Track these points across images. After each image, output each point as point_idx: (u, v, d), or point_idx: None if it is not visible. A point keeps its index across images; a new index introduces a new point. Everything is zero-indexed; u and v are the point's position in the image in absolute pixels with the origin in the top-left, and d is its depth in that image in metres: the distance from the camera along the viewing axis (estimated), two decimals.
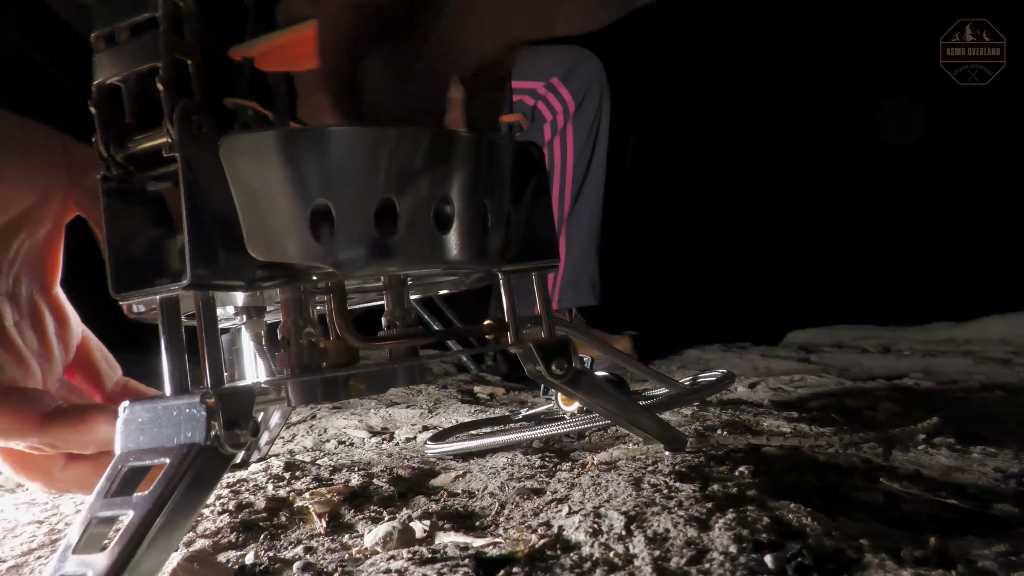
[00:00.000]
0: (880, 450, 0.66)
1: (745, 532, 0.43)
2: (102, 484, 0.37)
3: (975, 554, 0.41)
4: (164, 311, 0.40)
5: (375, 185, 0.40)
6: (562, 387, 0.57)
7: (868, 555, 0.40)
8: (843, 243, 2.55)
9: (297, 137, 0.39)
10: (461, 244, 0.44)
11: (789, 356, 1.72)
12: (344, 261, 0.40)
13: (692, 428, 0.77)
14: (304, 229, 0.39)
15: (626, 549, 0.42)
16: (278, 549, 0.47)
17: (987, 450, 0.63)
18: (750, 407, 0.92)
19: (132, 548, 0.33)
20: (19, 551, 0.49)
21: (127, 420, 0.38)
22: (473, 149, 0.45)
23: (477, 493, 0.59)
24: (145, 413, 0.38)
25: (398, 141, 0.41)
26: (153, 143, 0.39)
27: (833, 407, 0.93)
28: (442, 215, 0.43)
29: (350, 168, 0.40)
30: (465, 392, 1.24)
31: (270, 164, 0.39)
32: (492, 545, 0.45)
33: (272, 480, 0.64)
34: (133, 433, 0.38)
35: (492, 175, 0.47)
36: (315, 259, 0.40)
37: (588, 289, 1.70)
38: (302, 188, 0.39)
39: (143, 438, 0.38)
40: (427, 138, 0.42)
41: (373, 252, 0.41)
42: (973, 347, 1.73)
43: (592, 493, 0.53)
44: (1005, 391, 1.02)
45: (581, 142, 1.64)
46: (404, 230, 0.41)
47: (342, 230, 0.40)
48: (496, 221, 0.47)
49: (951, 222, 2.41)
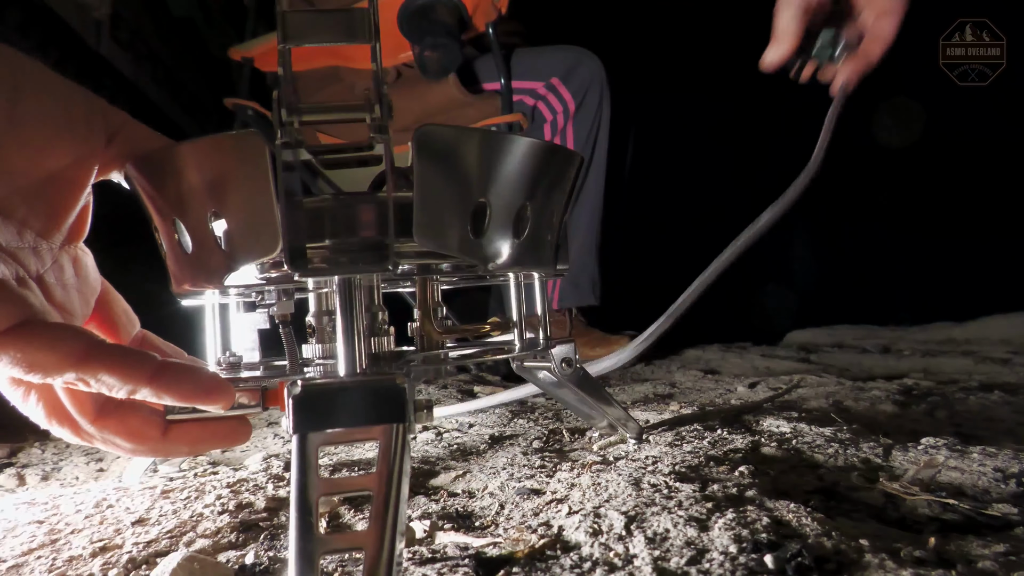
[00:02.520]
0: (880, 450, 0.66)
1: (745, 532, 0.43)
2: (301, 461, 0.37)
3: (975, 554, 0.41)
4: (343, 292, 0.41)
5: (519, 191, 0.44)
6: (568, 384, 0.63)
7: (868, 555, 0.40)
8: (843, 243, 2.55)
9: (484, 137, 0.42)
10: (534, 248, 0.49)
11: (789, 356, 1.72)
12: (490, 257, 0.44)
13: (692, 428, 0.77)
14: (465, 224, 0.42)
15: (626, 549, 0.42)
16: (278, 549, 0.47)
17: (987, 450, 0.63)
18: (750, 407, 0.92)
19: (392, 522, 0.35)
20: (19, 551, 0.49)
21: (304, 399, 0.38)
22: (570, 161, 0.50)
23: (477, 493, 0.59)
24: (328, 394, 0.38)
25: (536, 151, 0.44)
26: (346, 116, 0.40)
27: (833, 407, 0.93)
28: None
29: (507, 173, 0.43)
30: (465, 392, 1.24)
31: (457, 158, 0.41)
32: (492, 545, 0.45)
33: (272, 480, 0.64)
34: (315, 413, 0.38)
35: (569, 185, 0.52)
36: (469, 253, 0.42)
37: (588, 289, 1.70)
38: (473, 186, 0.42)
39: (330, 418, 0.38)
40: (550, 150, 0.46)
41: (511, 252, 0.45)
42: (973, 347, 1.73)
43: (592, 493, 0.53)
44: (1005, 391, 1.02)
45: (581, 142, 1.65)
46: (529, 234, 0.45)
47: (493, 229, 0.43)
48: (557, 228, 0.51)
49: (951, 222, 2.42)
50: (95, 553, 0.48)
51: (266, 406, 0.45)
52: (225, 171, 0.41)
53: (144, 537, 0.50)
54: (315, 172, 0.45)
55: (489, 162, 0.42)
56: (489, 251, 0.43)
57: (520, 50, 1.66)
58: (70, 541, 0.50)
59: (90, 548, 0.48)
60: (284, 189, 0.38)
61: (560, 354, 0.62)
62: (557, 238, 0.52)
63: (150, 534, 0.51)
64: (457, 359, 0.54)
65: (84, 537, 0.51)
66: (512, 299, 0.57)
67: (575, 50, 1.66)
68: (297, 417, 0.38)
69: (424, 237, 0.40)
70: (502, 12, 1.57)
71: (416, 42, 1.49)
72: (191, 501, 0.58)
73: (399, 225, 0.40)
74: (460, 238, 0.42)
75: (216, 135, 0.41)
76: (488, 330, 0.57)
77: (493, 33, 1.57)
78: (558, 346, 0.62)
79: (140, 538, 0.50)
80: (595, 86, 1.64)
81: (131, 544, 0.49)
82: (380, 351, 0.49)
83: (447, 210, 0.41)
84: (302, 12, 0.39)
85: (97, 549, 0.48)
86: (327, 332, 0.52)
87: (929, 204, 2.40)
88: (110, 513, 0.57)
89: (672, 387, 1.21)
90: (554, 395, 0.71)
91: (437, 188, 0.41)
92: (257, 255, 0.41)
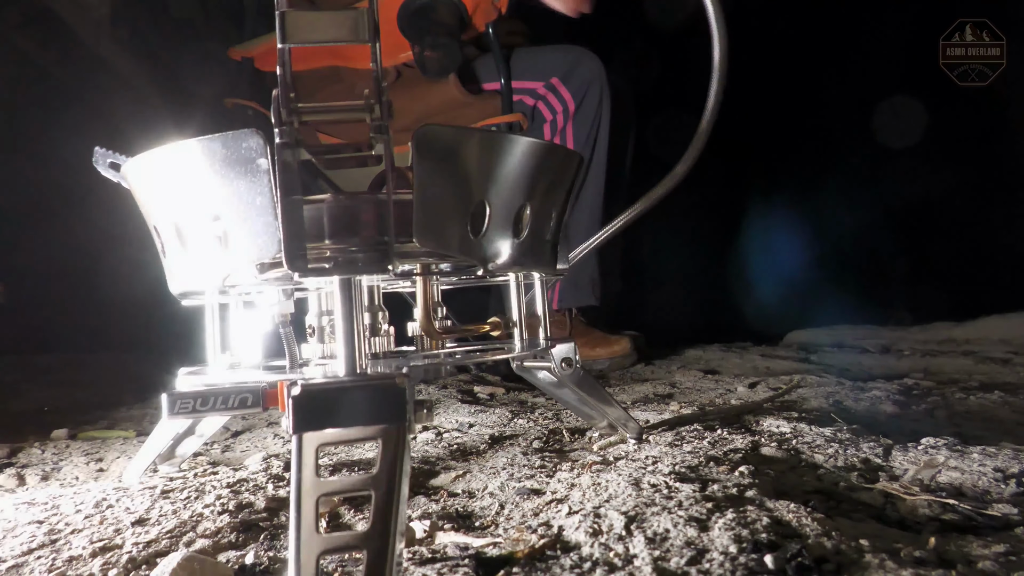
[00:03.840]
0: (880, 450, 0.66)
1: (745, 532, 0.43)
2: (301, 462, 0.37)
3: (975, 554, 0.41)
4: (343, 292, 0.41)
5: (519, 191, 0.44)
6: (568, 384, 0.63)
7: (868, 555, 0.40)
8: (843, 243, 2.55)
9: (484, 137, 0.42)
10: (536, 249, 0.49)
11: (789, 356, 1.72)
12: (490, 257, 0.44)
13: (692, 428, 0.77)
14: (465, 225, 0.42)
15: (626, 549, 0.42)
16: (278, 549, 0.47)
17: (987, 450, 0.63)
18: (750, 407, 0.92)
19: (392, 522, 0.36)
20: (19, 551, 0.49)
21: (304, 399, 0.38)
22: (569, 161, 0.50)
23: (477, 493, 0.59)
24: (327, 394, 0.39)
25: (536, 151, 0.45)
26: (346, 116, 0.40)
27: (833, 407, 0.93)
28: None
29: (507, 173, 0.43)
30: (465, 392, 1.24)
31: (457, 158, 0.41)
32: (492, 545, 0.45)
33: (272, 480, 0.64)
34: (315, 413, 0.38)
35: (569, 184, 0.52)
36: (469, 253, 0.42)
37: (588, 289, 1.70)
38: (472, 186, 0.42)
39: (330, 418, 0.38)
40: (550, 150, 0.46)
41: (510, 252, 0.45)
42: (973, 347, 1.73)
43: (592, 493, 0.53)
44: (1005, 391, 1.02)
45: (581, 142, 1.64)
46: (529, 234, 0.46)
47: (492, 230, 0.43)
48: (557, 228, 0.51)
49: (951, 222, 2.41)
50: (95, 553, 0.48)
51: (266, 406, 0.45)
52: (224, 171, 0.41)
53: (144, 537, 0.50)
54: (315, 172, 0.45)
55: (489, 162, 0.42)
56: (489, 251, 0.44)
57: (520, 50, 1.66)
58: (70, 541, 0.50)
59: (90, 548, 0.48)
60: (283, 189, 0.38)
61: (560, 354, 0.62)
62: (557, 238, 0.52)
63: (150, 534, 0.51)
64: (457, 359, 0.55)
65: (84, 537, 0.51)
66: (512, 299, 0.57)
67: (575, 50, 1.66)
68: (297, 417, 0.38)
69: (424, 237, 0.41)
70: (502, 12, 1.57)
71: (416, 42, 1.49)
72: (191, 501, 0.58)
73: (399, 225, 0.40)
74: (460, 238, 0.42)
75: (215, 135, 0.41)
76: (488, 330, 0.57)
77: (493, 33, 1.57)
78: (558, 346, 0.62)
79: (140, 538, 0.50)
80: (595, 86, 1.64)
81: (131, 544, 0.49)
82: (380, 351, 0.49)
83: (447, 210, 0.41)
84: (302, 12, 0.39)
85: (97, 549, 0.48)
86: (327, 332, 0.52)
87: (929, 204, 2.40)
88: (110, 513, 0.56)
89: (672, 387, 1.21)
90: (554, 395, 0.71)
91: (437, 188, 0.41)
92: (256, 255, 0.41)
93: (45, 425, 0.99)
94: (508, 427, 0.88)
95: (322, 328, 0.53)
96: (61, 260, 1.62)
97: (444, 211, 0.41)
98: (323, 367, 0.51)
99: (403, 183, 0.42)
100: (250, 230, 0.41)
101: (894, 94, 2.32)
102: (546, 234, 0.49)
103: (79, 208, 1.56)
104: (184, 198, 0.43)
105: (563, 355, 0.62)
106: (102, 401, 1.21)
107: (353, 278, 0.41)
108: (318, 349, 0.52)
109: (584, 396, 0.66)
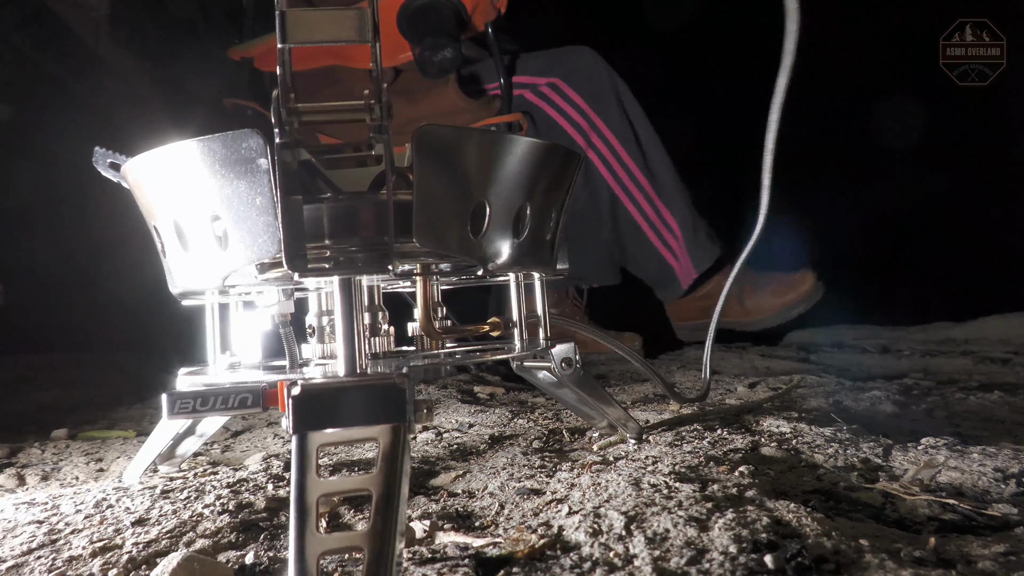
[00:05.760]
0: (880, 450, 0.66)
1: (744, 532, 0.43)
2: (301, 462, 0.37)
3: (975, 554, 0.41)
4: (343, 292, 0.41)
5: (518, 191, 0.44)
6: (568, 384, 0.63)
7: (867, 555, 0.40)
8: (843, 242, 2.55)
9: (483, 137, 0.42)
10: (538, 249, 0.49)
11: (789, 356, 1.72)
12: (490, 257, 0.44)
13: (692, 428, 0.77)
14: (465, 225, 0.42)
15: (626, 549, 0.42)
16: (278, 549, 0.47)
17: (987, 450, 0.63)
18: (750, 407, 0.92)
19: (392, 522, 0.35)
20: (19, 551, 0.49)
21: (304, 399, 0.38)
22: (569, 161, 0.50)
23: (477, 493, 0.59)
24: (327, 394, 0.39)
25: (535, 151, 0.45)
26: (345, 116, 0.40)
27: (833, 407, 0.93)
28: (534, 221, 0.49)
29: (506, 173, 0.43)
30: (465, 392, 1.24)
31: (456, 159, 0.41)
32: (492, 545, 0.45)
33: (272, 480, 0.64)
34: (315, 413, 0.38)
35: (568, 184, 0.52)
36: (469, 253, 0.42)
37: (709, 243, 1.73)
38: (472, 186, 0.42)
39: (330, 418, 0.38)
40: (549, 150, 0.46)
41: (510, 252, 0.45)
42: (973, 347, 1.73)
43: (592, 493, 0.53)
44: (1005, 391, 1.02)
45: (615, 124, 1.63)
46: (529, 234, 0.46)
47: (492, 229, 0.43)
48: (556, 228, 0.52)
49: (951, 222, 2.41)
50: (95, 553, 0.48)
51: (266, 406, 0.45)
52: (224, 171, 0.41)
53: (144, 537, 0.50)
54: (315, 172, 0.45)
55: (488, 162, 0.42)
56: (488, 251, 0.44)
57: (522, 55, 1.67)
58: (70, 541, 0.50)
59: (90, 548, 0.48)
60: (283, 189, 0.38)
61: (560, 354, 0.62)
62: (556, 238, 0.52)
63: (150, 534, 0.51)
64: (457, 359, 0.55)
65: (84, 537, 0.51)
66: (512, 299, 0.57)
67: (565, 50, 1.67)
68: (297, 417, 0.38)
69: (424, 237, 0.41)
70: (501, 12, 1.57)
71: (416, 42, 1.49)
72: (191, 501, 0.58)
73: (399, 225, 0.40)
74: (460, 238, 0.42)
75: (215, 135, 0.41)
76: (488, 330, 0.57)
77: (493, 33, 1.57)
78: (558, 346, 0.62)
79: (140, 538, 0.50)
80: (596, 72, 1.64)
81: (131, 544, 0.49)
82: (380, 351, 0.50)
83: (447, 210, 0.41)
84: (302, 12, 0.39)
85: (97, 549, 0.48)
86: (327, 332, 0.52)
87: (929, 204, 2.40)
88: (110, 513, 0.56)
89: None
90: (554, 395, 0.71)
91: (437, 188, 0.41)
92: (256, 255, 0.41)
93: (45, 425, 0.99)
94: (508, 427, 0.88)
95: (322, 328, 0.53)
96: (61, 260, 1.62)
97: (444, 211, 0.41)
98: (323, 367, 0.51)
99: (403, 183, 0.42)
100: (250, 230, 0.41)
101: (894, 94, 2.32)
102: (546, 234, 0.49)
103: (79, 208, 1.56)
104: (184, 198, 0.43)
105: (563, 355, 0.62)
106: (102, 401, 1.21)
107: (353, 278, 0.41)
108: (318, 349, 0.52)
109: (584, 396, 0.66)
